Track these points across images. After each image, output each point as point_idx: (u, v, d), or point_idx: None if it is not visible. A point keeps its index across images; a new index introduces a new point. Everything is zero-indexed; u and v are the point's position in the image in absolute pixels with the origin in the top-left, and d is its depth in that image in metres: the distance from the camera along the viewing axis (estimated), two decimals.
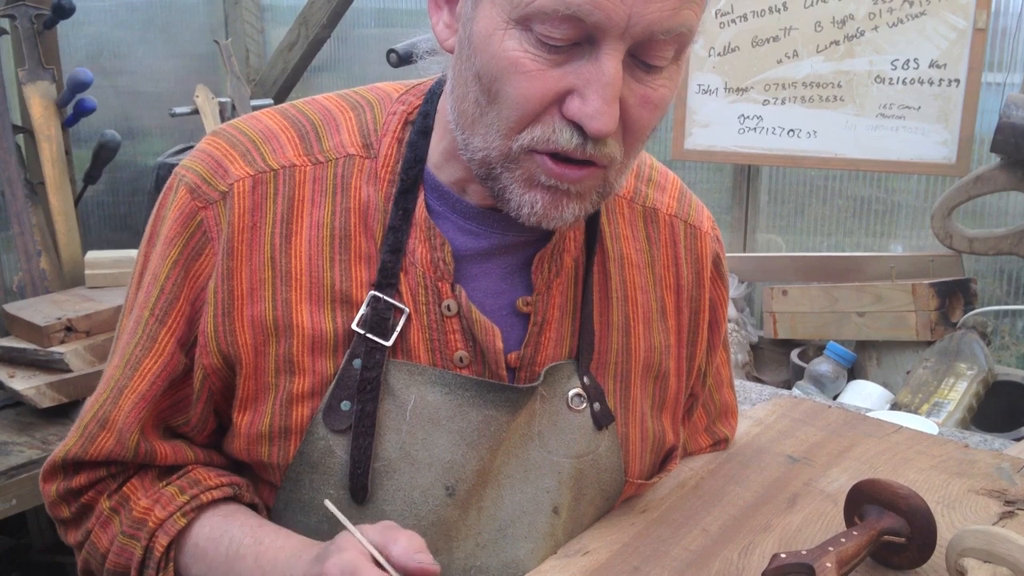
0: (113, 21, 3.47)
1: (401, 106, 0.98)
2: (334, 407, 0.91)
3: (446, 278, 0.94)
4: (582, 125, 0.80)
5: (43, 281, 2.55)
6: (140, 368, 0.95)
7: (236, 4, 3.83)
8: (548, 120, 0.81)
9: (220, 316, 0.92)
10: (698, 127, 2.75)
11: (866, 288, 2.38)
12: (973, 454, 1.23)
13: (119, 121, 3.42)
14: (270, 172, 0.93)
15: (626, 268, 1.03)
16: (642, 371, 1.04)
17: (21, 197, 2.59)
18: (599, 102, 0.78)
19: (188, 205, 0.93)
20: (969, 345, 2.10)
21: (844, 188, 2.82)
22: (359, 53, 3.78)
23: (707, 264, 1.09)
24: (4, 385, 2.11)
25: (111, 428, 0.95)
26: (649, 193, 1.07)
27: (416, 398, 0.92)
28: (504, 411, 0.94)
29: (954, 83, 2.37)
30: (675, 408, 1.09)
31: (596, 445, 1.00)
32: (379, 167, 0.94)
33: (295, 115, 0.98)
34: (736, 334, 2.60)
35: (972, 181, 2.27)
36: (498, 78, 0.81)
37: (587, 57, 0.79)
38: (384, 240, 0.93)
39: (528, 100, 0.80)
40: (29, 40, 2.68)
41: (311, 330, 0.92)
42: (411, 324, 0.93)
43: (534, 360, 0.97)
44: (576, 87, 0.79)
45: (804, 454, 1.22)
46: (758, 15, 2.58)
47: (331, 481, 0.93)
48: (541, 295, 0.97)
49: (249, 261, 0.92)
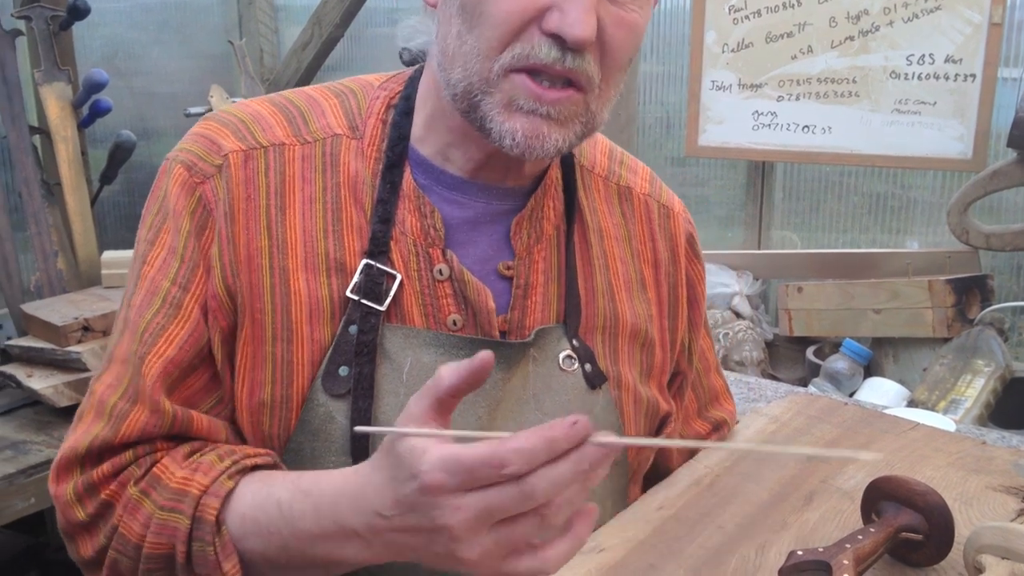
0: (128, 22, 3.48)
1: (383, 91, 1.02)
2: (332, 372, 0.93)
3: (437, 244, 0.97)
4: (561, 35, 0.83)
5: (60, 281, 2.57)
6: (164, 334, 0.91)
7: (250, 4, 3.84)
8: (528, 38, 0.85)
9: (229, 275, 0.94)
10: (712, 123, 2.74)
11: (882, 285, 2.37)
12: (990, 451, 1.22)
13: (134, 121, 3.43)
14: (260, 148, 0.96)
15: (605, 240, 1.07)
16: (629, 336, 1.06)
17: (38, 198, 2.61)
18: (577, 11, 0.82)
19: (188, 181, 0.95)
20: (986, 341, 2.08)
21: (859, 184, 2.81)
22: (372, 52, 3.80)
23: (681, 242, 1.13)
24: (22, 384, 2.12)
25: (142, 399, 0.90)
26: (623, 174, 1.12)
27: (412, 360, 0.94)
28: (498, 368, 0.95)
29: (970, 78, 2.35)
30: (661, 377, 1.11)
31: (592, 406, 1.02)
32: (365, 146, 0.98)
33: (282, 102, 1.01)
34: (751, 331, 2.59)
35: (988, 176, 2.26)
36: (481, 0, 0.85)
37: None
38: (374, 212, 0.96)
39: (509, 15, 0.84)
40: (45, 41, 2.70)
41: (307, 297, 0.93)
42: (404, 289, 0.95)
43: (522, 324, 0.99)
44: (555, 2, 0.84)
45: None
46: (772, 11, 2.57)
47: (332, 447, 0.93)
48: (523, 260, 1.00)
49: (246, 229, 0.94)
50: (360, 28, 3.63)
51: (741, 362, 2.50)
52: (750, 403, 1.92)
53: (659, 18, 2.99)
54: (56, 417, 2.11)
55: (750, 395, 1.98)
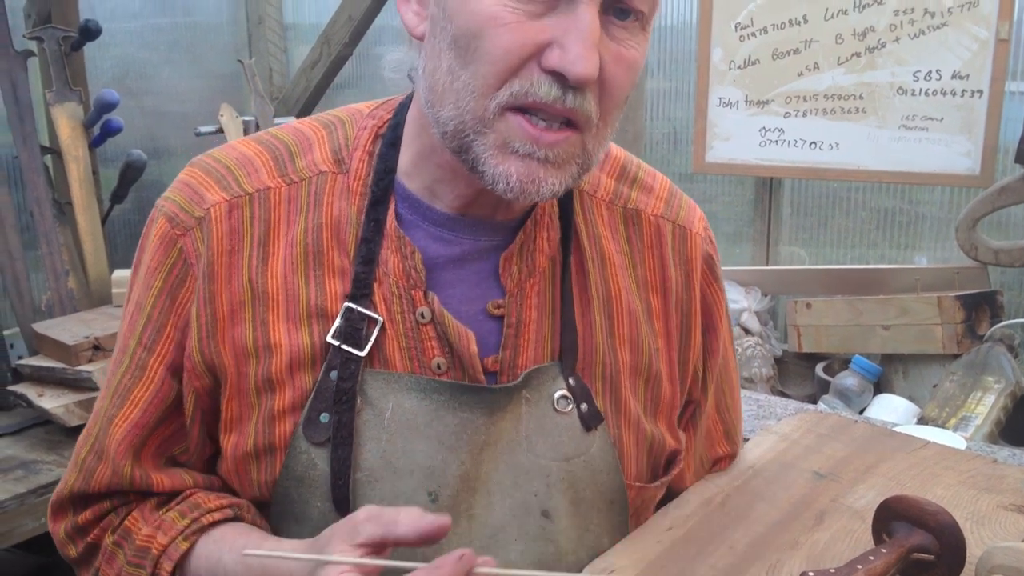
0: (139, 42, 3.52)
1: (372, 120, 1.00)
2: (313, 419, 0.92)
3: (419, 286, 0.95)
4: (564, 72, 0.80)
5: (71, 300, 2.58)
6: (130, 397, 0.96)
7: (260, 24, 3.88)
8: (526, 74, 0.82)
9: (205, 338, 0.94)
10: (719, 140, 2.75)
11: (891, 301, 2.36)
12: (1002, 469, 1.22)
13: (145, 141, 3.46)
14: (245, 196, 0.95)
15: (607, 268, 1.02)
16: (631, 372, 1.03)
17: (49, 217, 2.63)
18: (580, 47, 0.80)
19: (168, 233, 0.95)
20: (996, 358, 2.08)
21: (867, 200, 2.81)
22: (380, 70, 3.81)
23: (697, 266, 1.08)
24: (33, 404, 2.13)
25: (106, 458, 0.96)
26: (632, 195, 1.06)
27: (393, 406, 0.93)
28: (480, 412, 0.94)
29: (977, 94, 2.36)
30: (671, 412, 1.08)
31: (587, 447, 0.99)
32: (351, 181, 0.96)
33: (269, 140, 1.00)
34: (760, 348, 2.59)
35: (997, 192, 2.26)
36: (477, 35, 0.81)
37: (564, 10, 0.81)
38: (357, 252, 0.94)
39: (508, 52, 0.81)
40: (56, 62, 2.72)
41: (289, 348, 0.93)
42: (386, 333, 0.94)
43: (514, 363, 0.96)
44: (555, 38, 0.81)
45: (831, 470, 1.22)
46: (778, 28, 2.58)
47: (316, 493, 0.93)
48: (513, 297, 0.97)
49: (228, 284, 0.93)
50: (368, 46, 3.66)
51: (750, 379, 2.50)
52: (759, 420, 1.92)
53: (666, 34, 3.00)
54: (67, 436, 2.12)
55: (760, 412, 1.98)
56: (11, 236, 2.54)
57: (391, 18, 3.56)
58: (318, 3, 3.91)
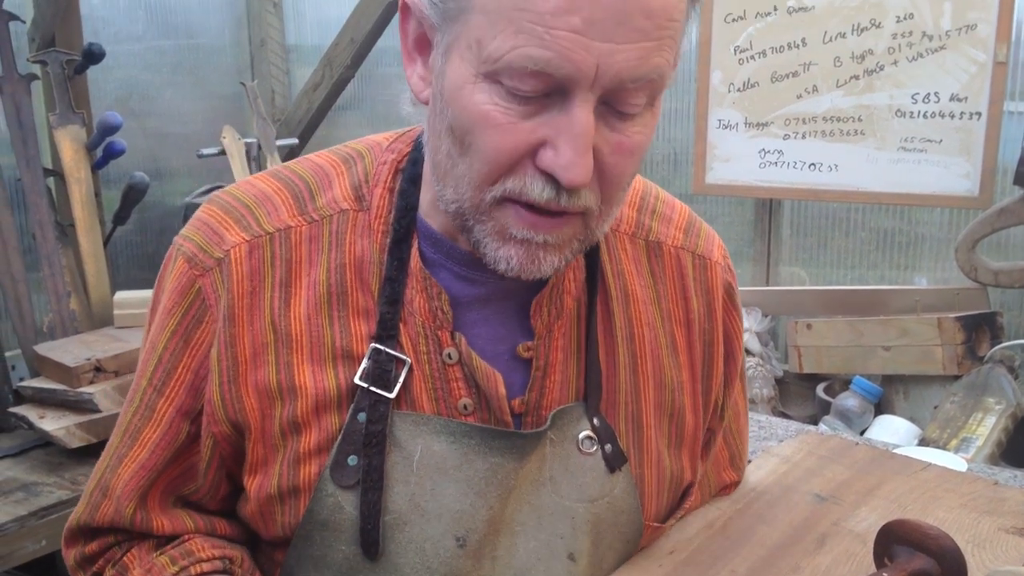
0: (142, 64, 3.54)
1: (391, 154, 0.98)
2: (341, 462, 0.91)
3: (445, 327, 0.93)
4: (555, 176, 0.78)
5: (72, 322, 2.59)
6: (140, 438, 0.96)
7: (262, 46, 3.90)
8: (521, 172, 0.80)
9: (226, 384, 0.92)
10: (719, 162, 2.76)
11: (891, 322, 2.37)
12: (1003, 491, 1.21)
13: (147, 162, 3.48)
14: (266, 236, 0.94)
15: (631, 305, 1.01)
16: (654, 409, 1.02)
17: (51, 239, 2.64)
18: (571, 153, 0.77)
19: (186, 274, 0.94)
20: (996, 379, 2.08)
21: (867, 220, 2.82)
22: (382, 91, 3.84)
23: (719, 295, 1.07)
24: (34, 425, 2.13)
25: (111, 496, 0.96)
26: (653, 226, 1.05)
27: (423, 448, 0.91)
28: (510, 458, 0.93)
29: (976, 116, 2.37)
30: (693, 445, 1.07)
31: (611, 488, 0.98)
32: (372, 219, 0.94)
33: (288, 176, 0.98)
34: (761, 368, 2.59)
35: (996, 214, 2.27)
36: (470, 131, 0.80)
37: (558, 108, 0.78)
38: (381, 292, 0.92)
39: (500, 153, 0.79)
40: (60, 85, 2.74)
41: (315, 390, 0.92)
42: (414, 374, 0.92)
43: (540, 404, 0.95)
44: (548, 138, 0.78)
45: (832, 493, 1.22)
46: (777, 51, 2.60)
47: (342, 537, 0.92)
48: (542, 339, 0.96)
49: (250, 326, 0.92)
50: (370, 68, 3.68)
51: (752, 399, 2.50)
52: (761, 441, 1.92)
53: None
54: (67, 459, 2.12)
55: (761, 433, 1.98)
56: (13, 258, 2.55)
57: (393, 40, 3.58)
58: (320, 25, 3.93)
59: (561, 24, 0.73)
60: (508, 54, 0.75)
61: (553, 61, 0.74)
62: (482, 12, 0.76)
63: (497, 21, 0.75)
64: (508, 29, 0.74)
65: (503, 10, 0.74)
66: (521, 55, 0.74)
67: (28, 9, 2.97)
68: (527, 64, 0.74)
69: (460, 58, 0.79)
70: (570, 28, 0.73)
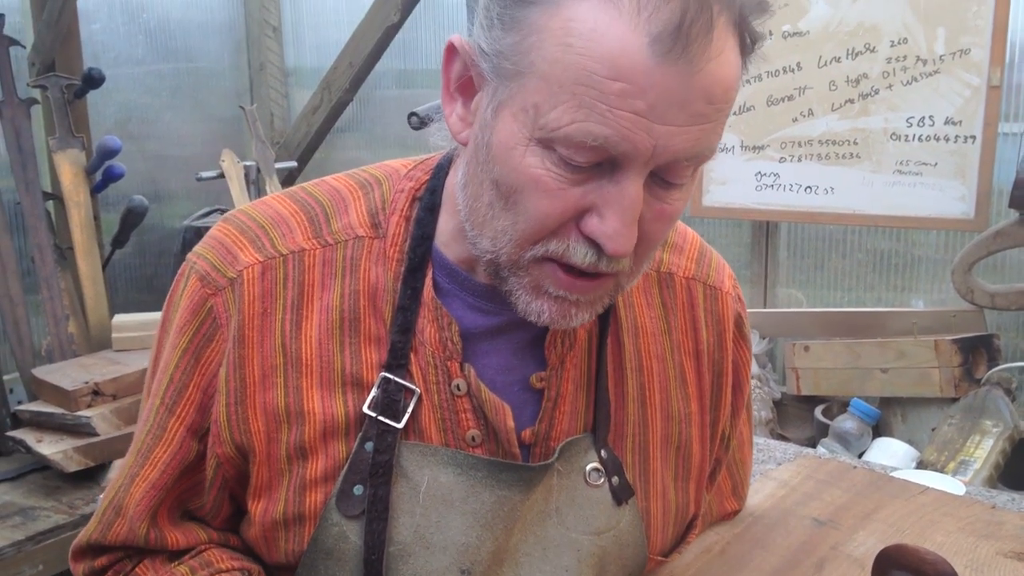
0: (142, 88, 3.56)
1: (409, 182, 0.98)
2: (347, 492, 0.90)
3: (455, 357, 0.93)
4: (600, 244, 0.79)
5: (71, 345, 2.59)
6: (151, 457, 0.96)
7: (261, 70, 3.93)
8: (564, 235, 0.81)
9: (233, 405, 0.92)
10: (716, 184, 2.77)
11: (889, 344, 2.37)
12: (1000, 515, 1.22)
13: (146, 185, 3.49)
14: (279, 258, 0.94)
15: (640, 337, 1.01)
16: (661, 442, 1.02)
17: (50, 262, 2.64)
18: (619, 224, 0.78)
19: (198, 292, 0.94)
20: (994, 401, 2.08)
21: (864, 242, 2.83)
22: (381, 114, 3.86)
23: (729, 326, 1.07)
24: (32, 449, 2.13)
25: (124, 515, 0.96)
26: (664, 258, 1.05)
27: (429, 479, 0.91)
28: (517, 491, 0.92)
29: (970, 139, 2.38)
30: (700, 477, 1.07)
31: (617, 521, 0.98)
32: (387, 246, 0.94)
33: (304, 198, 0.98)
34: (759, 390, 2.60)
35: (992, 236, 2.28)
36: (518, 190, 0.80)
37: (608, 177, 0.78)
38: (393, 320, 0.92)
39: (548, 217, 0.80)
40: (60, 109, 2.76)
41: (323, 416, 0.91)
42: (422, 404, 0.92)
43: (549, 436, 0.95)
44: (596, 206, 0.79)
45: (830, 517, 1.22)
46: (772, 75, 2.62)
47: (346, 567, 0.91)
48: (555, 370, 0.96)
49: (260, 348, 0.92)
50: (369, 91, 3.70)
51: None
52: (759, 464, 1.91)
53: None
54: (65, 482, 2.12)
55: (759, 456, 1.97)
56: (12, 281, 2.56)
57: (392, 63, 3.61)
58: (319, 49, 3.96)
59: (625, 107, 0.73)
60: (568, 127, 0.75)
61: (611, 139, 0.74)
62: (543, 79, 0.76)
63: (559, 92, 0.75)
64: (570, 102, 0.74)
65: (567, 83, 0.74)
66: (581, 129, 0.75)
67: (29, 34, 2.99)
68: (586, 139, 0.75)
69: (513, 118, 0.79)
70: (633, 111, 0.73)
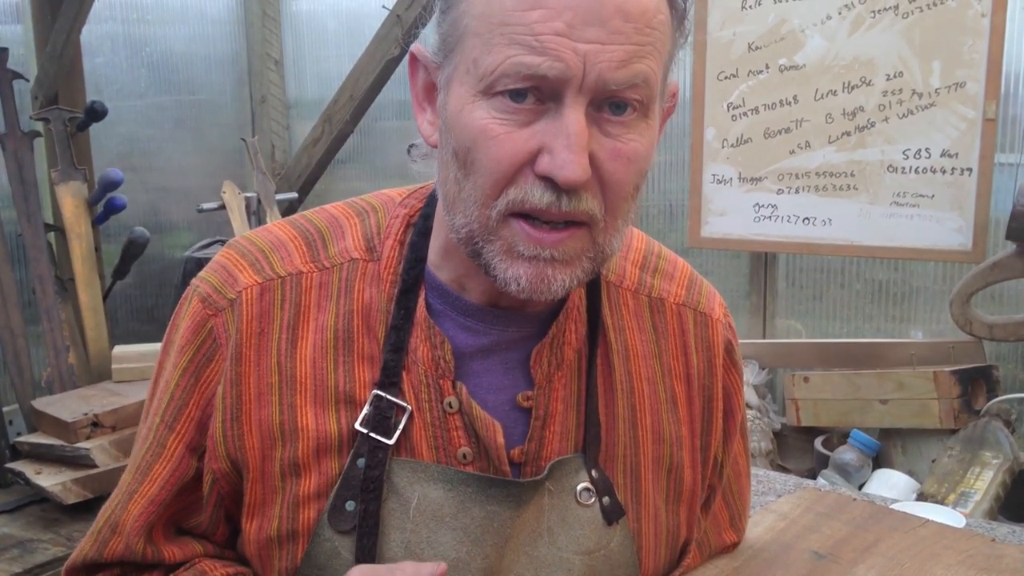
0: (144, 120, 3.59)
1: (403, 209, 1.01)
2: (339, 507, 0.92)
3: (447, 375, 0.95)
4: (553, 177, 0.82)
5: (71, 376, 2.59)
6: (150, 473, 0.98)
7: (263, 102, 3.96)
8: (521, 181, 0.83)
9: (228, 421, 0.94)
10: (714, 215, 2.79)
11: (888, 375, 2.38)
12: (1000, 548, 1.21)
13: (148, 216, 3.51)
14: (277, 280, 0.97)
15: (631, 360, 1.02)
16: (652, 464, 1.02)
17: (51, 294, 2.65)
18: (565, 152, 0.81)
19: (200, 313, 0.97)
20: (993, 433, 2.08)
21: (862, 272, 2.84)
22: (381, 145, 3.89)
23: (719, 352, 1.08)
24: (30, 481, 2.12)
25: (121, 532, 0.98)
26: (655, 283, 1.07)
27: (420, 496, 0.93)
28: (507, 506, 0.93)
29: (967, 172, 2.40)
30: (692, 500, 1.07)
31: (608, 540, 0.98)
32: (382, 268, 0.98)
33: (303, 224, 1.02)
34: (759, 421, 2.59)
35: (989, 268, 2.29)
36: (471, 148, 0.84)
37: (552, 114, 0.82)
38: (386, 340, 0.95)
39: (500, 162, 0.83)
40: (62, 142, 2.77)
41: (316, 433, 0.93)
42: (414, 422, 0.94)
43: (539, 455, 0.97)
44: (545, 144, 0.82)
45: (830, 550, 1.21)
46: (769, 108, 2.64)
47: None
48: (542, 389, 0.97)
49: (257, 366, 0.95)
50: (370, 122, 3.72)
51: (751, 453, 2.50)
52: (759, 496, 1.91)
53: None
54: (64, 514, 2.11)
55: (759, 488, 1.97)
56: (13, 313, 2.56)
57: (392, 94, 3.64)
58: (320, 81, 4.00)
59: (547, 29, 0.79)
60: (502, 64, 0.81)
61: (544, 64, 0.79)
62: (476, 35, 0.82)
63: (490, 39, 0.81)
64: (500, 42, 0.81)
65: (493, 27, 0.81)
66: (514, 63, 0.80)
67: (32, 67, 3.02)
68: (520, 70, 0.80)
69: (459, 83, 0.85)
70: (555, 32, 0.79)
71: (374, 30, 3.35)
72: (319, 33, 4.00)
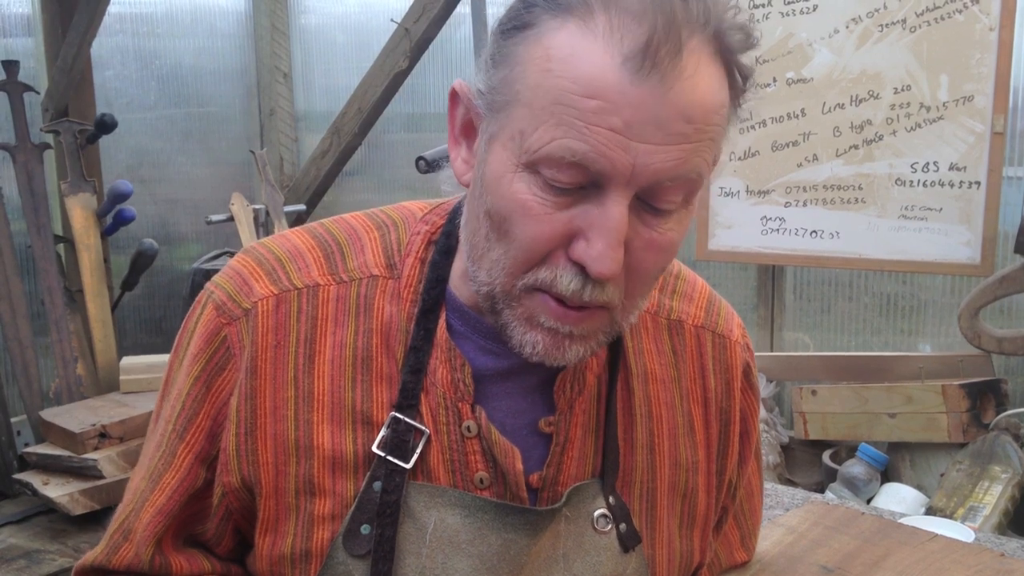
0: (153, 133, 3.60)
1: (424, 226, 0.99)
2: (354, 531, 0.91)
3: (466, 399, 0.94)
4: (585, 267, 0.80)
5: (79, 387, 2.60)
6: (160, 482, 0.97)
7: (271, 115, 3.97)
8: (553, 263, 0.82)
9: (243, 435, 0.93)
10: (721, 228, 2.79)
11: (896, 389, 2.37)
12: (1010, 563, 1.21)
13: (157, 228, 3.52)
14: (294, 291, 0.95)
15: (650, 384, 1.01)
16: (668, 489, 1.02)
17: (60, 305, 2.66)
18: (602, 245, 0.79)
19: (213, 321, 0.95)
20: (1003, 447, 2.07)
21: (870, 285, 2.84)
22: (389, 158, 3.90)
23: (737, 375, 1.07)
24: (38, 492, 2.13)
25: (132, 540, 0.97)
26: (674, 305, 1.06)
27: (436, 521, 0.91)
28: (524, 534, 0.92)
29: (975, 185, 2.40)
30: (705, 525, 1.06)
31: (623, 568, 0.97)
32: (402, 287, 0.96)
33: (322, 234, 1.00)
34: (767, 434, 2.59)
35: (998, 281, 2.28)
36: (507, 218, 0.82)
37: (593, 200, 0.79)
38: (405, 360, 0.93)
39: (535, 242, 0.81)
40: (72, 154, 2.79)
41: (331, 451, 0.92)
42: (431, 445, 0.92)
43: (557, 480, 0.95)
44: (582, 230, 0.80)
45: (838, 564, 1.21)
46: (777, 121, 2.64)
47: None
48: (563, 414, 0.96)
49: (273, 380, 0.93)
50: (378, 135, 3.73)
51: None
52: (767, 510, 1.90)
53: None
54: (71, 525, 2.11)
55: (767, 501, 1.96)
56: (22, 324, 2.57)
57: (400, 107, 3.66)
58: (329, 94, 4.01)
59: (602, 123, 0.75)
60: (548, 145, 0.77)
61: (589, 155, 0.76)
62: (526, 106, 0.79)
63: (540, 114, 0.77)
64: (550, 122, 0.77)
65: (547, 105, 0.77)
66: (560, 146, 0.77)
67: (43, 80, 3.04)
68: (565, 155, 0.77)
69: (503, 147, 0.82)
70: (609, 127, 0.75)
71: (382, 43, 3.37)
72: (328, 46, 4.02)
